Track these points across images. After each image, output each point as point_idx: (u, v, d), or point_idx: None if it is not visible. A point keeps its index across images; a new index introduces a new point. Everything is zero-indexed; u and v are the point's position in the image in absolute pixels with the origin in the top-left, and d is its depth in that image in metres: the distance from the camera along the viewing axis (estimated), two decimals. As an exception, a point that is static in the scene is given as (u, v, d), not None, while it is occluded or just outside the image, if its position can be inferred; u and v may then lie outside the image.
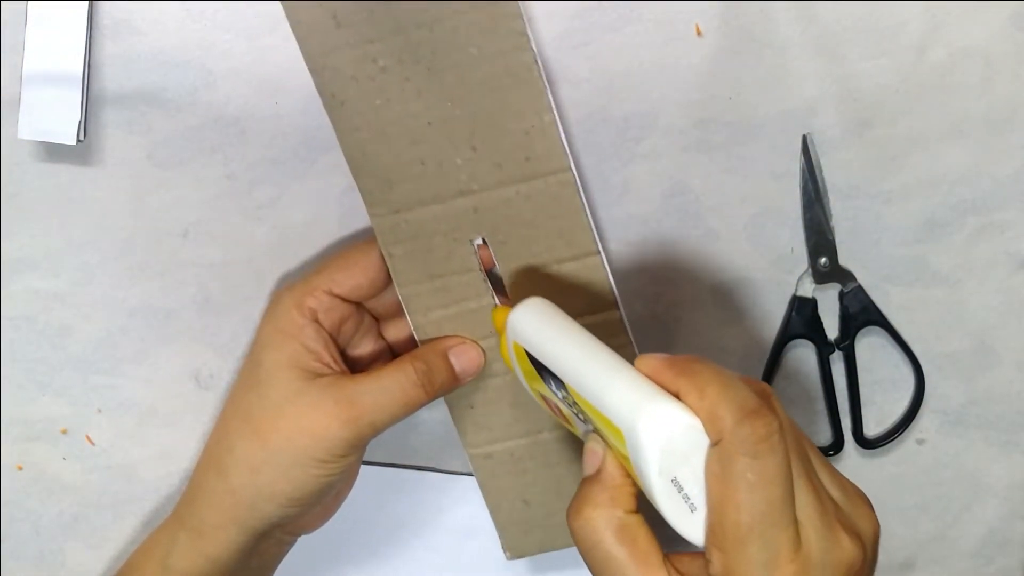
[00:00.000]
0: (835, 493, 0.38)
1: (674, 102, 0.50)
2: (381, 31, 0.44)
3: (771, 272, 0.53)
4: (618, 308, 0.48)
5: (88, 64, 0.48)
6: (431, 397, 0.46)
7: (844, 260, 0.52)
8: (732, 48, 0.49)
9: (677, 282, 0.53)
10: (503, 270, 0.48)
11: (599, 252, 0.47)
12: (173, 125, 0.50)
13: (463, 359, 0.48)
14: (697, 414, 0.36)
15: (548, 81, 0.49)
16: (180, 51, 0.48)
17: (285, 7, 0.44)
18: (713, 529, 0.35)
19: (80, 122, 0.48)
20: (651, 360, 0.38)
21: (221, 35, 0.48)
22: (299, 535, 0.51)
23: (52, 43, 0.47)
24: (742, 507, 0.34)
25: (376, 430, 0.45)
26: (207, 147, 0.50)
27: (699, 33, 0.49)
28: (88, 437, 0.55)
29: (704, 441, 0.36)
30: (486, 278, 0.47)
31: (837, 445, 0.55)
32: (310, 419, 0.45)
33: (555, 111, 0.45)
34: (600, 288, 0.48)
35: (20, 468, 0.55)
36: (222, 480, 0.46)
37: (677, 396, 0.36)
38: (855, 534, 0.37)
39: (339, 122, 0.45)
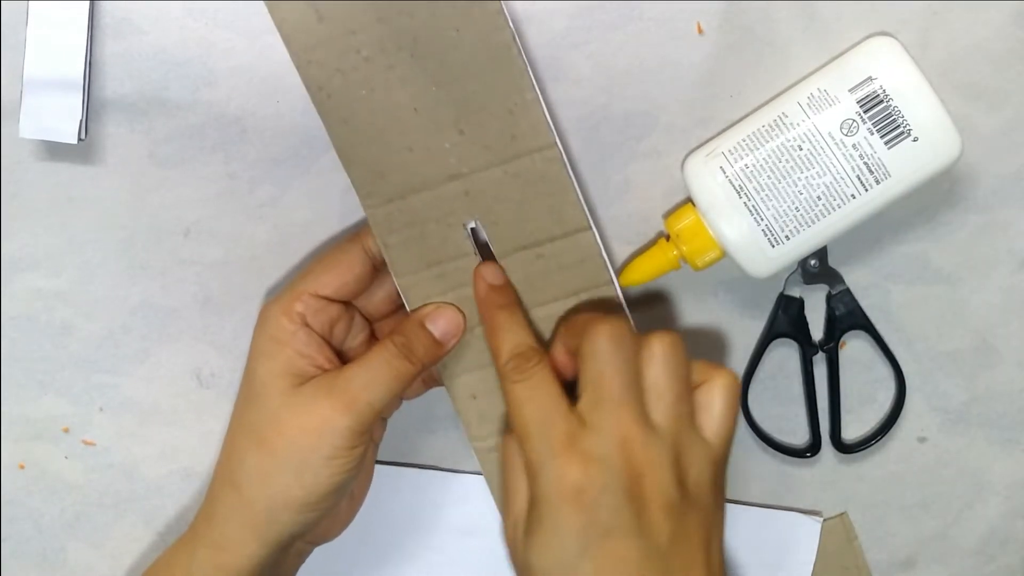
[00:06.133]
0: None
1: (675, 100, 0.50)
2: (363, 21, 0.44)
3: (772, 270, 0.53)
4: (613, 284, 0.48)
5: (89, 63, 0.48)
6: (418, 367, 0.46)
7: (846, 258, 0.52)
8: (733, 46, 0.49)
9: (678, 280, 0.53)
10: (497, 252, 0.48)
11: (591, 228, 0.47)
12: (174, 124, 0.50)
13: (440, 323, 0.48)
14: None
15: (552, 77, 0.49)
16: (181, 50, 0.48)
17: (268, 6, 0.44)
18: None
19: (81, 121, 0.48)
20: None
21: (222, 34, 0.48)
22: (318, 544, 0.51)
23: (53, 42, 0.47)
24: None
25: (375, 410, 0.45)
26: (208, 146, 0.50)
27: (700, 31, 0.49)
28: (89, 436, 0.55)
29: None
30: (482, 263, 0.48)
31: (814, 448, 0.55)
32: (309, 417, 0.45)
33: (537, 89, 0.45)
34: (594, 264, 0.48)
35: (22, 467, 0.55)
36: (237, 494, 0.46)
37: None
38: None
39: (327, 115, 0.45)
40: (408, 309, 0.48)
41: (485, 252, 0.48)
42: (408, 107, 0.45)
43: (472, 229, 0.47)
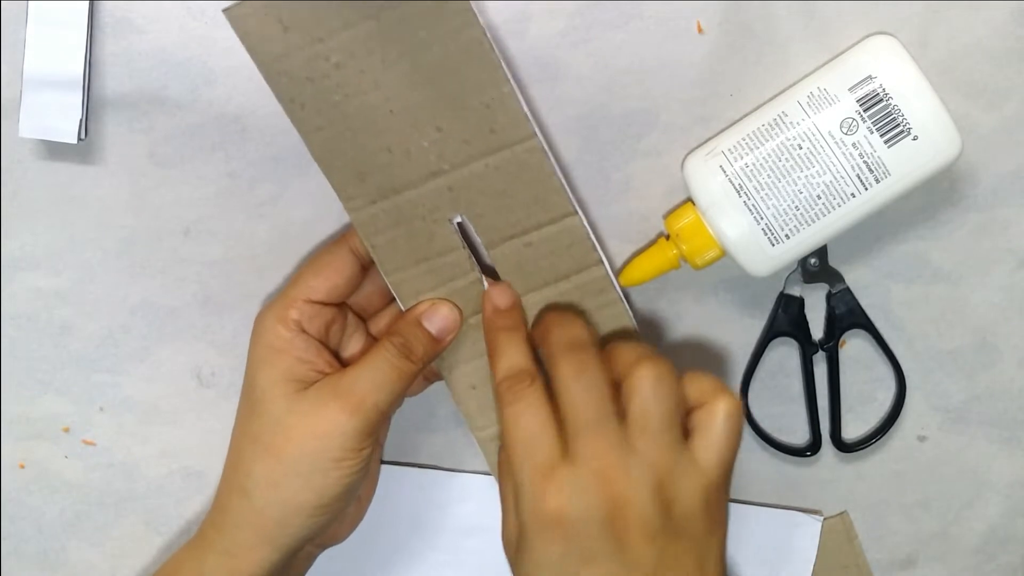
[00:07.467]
0: None
1: (675, 99, 0.50)
2: (329, 28, 0.44)
3: (772, 269, 0.53)
4: (603, 264, 0.48)
5: (89, 63, 0.48)
6: (420, 364, 0.47)
7: (846, 256, 0.52)
8: (733, 45, 0.49)
9: (679, 279, 0.53)
10: (485, 243, 0.48)
11: (576, 212, 0.48)
12: (174, 123, 0.50)
13: (436, 320, 0.48)
14: None
15: (552, 76, 0.49)
16: (181, 49, 0.48)
17: (230, 19, 0.43)
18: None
19: (81, 120, 0.48)
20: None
21: (222, 33, 0.48)
22: (327, 547, 0.51)
23: (53, 42, 0.47)
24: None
25: (381, 412, 0.46)
26: (208, 145, 0.50)
27: (700, 30, 0.49)
28: (89, 436, 0.55)
29: None
30: (470, 255, 0.48)
31: (814, 447, 0.55)
32: (316, 421, 0.45)
33: (512, 81, 0.45)
34: (583, 247, 0.48)
35: (22, 466, 0.55)
36: (247, 501, 0.46)
37: None
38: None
39: (301, 124, 0.45)
40: (401, 306, 0.48)
41: (473, 245, 0.48)
42: (383, 109, 0.45)
43: (459, 223, 0.47)
